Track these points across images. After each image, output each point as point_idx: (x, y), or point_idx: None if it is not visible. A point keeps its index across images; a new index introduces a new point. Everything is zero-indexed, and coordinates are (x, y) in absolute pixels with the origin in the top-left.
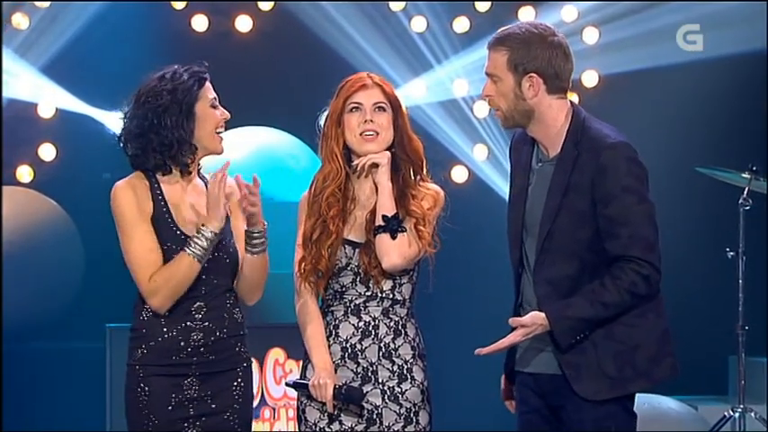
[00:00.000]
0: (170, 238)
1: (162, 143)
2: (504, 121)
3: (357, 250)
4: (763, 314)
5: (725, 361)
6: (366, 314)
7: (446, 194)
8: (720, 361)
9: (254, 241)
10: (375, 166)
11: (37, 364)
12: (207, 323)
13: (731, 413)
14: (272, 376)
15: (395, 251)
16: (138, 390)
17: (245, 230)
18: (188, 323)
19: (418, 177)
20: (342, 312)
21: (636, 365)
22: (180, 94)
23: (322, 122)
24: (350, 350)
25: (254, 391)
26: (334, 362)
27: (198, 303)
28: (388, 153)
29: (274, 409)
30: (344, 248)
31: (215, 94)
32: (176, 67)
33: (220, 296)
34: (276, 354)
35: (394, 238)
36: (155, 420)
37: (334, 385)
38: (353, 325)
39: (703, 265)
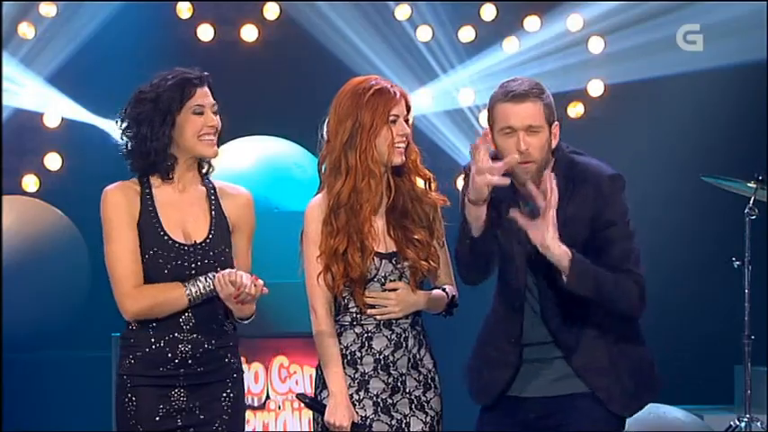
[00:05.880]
0: (156, 241)
1: (140, 151)
2: (530, 174)
3: (383, 261)
4: None
5: (731, 370)
6: (397, 326)
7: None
8: (726, 370)
9: (243, 323)
10: None
11: (44, 372)
12: (195, 335)
13: (737, 422)
14: (278, 376)
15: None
16: (125, 400)
17: (235, 316)
18: (176, 334)
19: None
20: (374, 325)
21: (647, 380)
22: (161, 104)
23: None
24: (382, 362)
25: (245, 402)
26: (366, 372)
27: (186, 314)
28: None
29: (279, 405)
30: (374, 260)
31: (206, 101)
32: (166, 73)
33: (210, 308)
34: (280, 360)
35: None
36: (141, 431)
37: (352, 422)
38: (387, 337)
39: (709, 275)
